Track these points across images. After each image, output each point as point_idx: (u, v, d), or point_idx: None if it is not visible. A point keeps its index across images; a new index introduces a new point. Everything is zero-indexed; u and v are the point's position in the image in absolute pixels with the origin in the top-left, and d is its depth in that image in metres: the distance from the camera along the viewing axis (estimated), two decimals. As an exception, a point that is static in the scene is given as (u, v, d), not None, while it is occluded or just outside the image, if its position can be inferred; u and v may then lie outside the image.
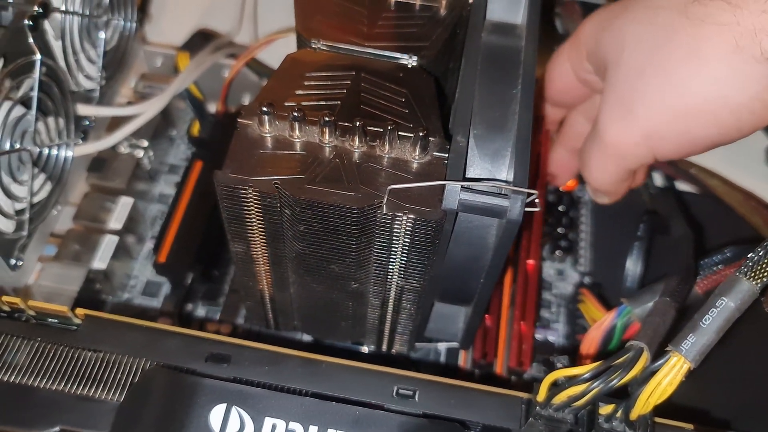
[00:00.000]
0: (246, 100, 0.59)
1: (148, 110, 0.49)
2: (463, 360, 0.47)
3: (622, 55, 0.39)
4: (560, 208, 0.55)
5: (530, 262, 0.48)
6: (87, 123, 0.49)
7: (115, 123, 0.51)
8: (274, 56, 0.57)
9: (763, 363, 0.40)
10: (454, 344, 0.46)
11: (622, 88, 0.39)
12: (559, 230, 0.54)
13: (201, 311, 0.50)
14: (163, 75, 0.58)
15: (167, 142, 0.57)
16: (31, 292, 0.45)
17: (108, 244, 0.48)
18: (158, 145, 0.55)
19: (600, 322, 0.44)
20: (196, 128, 0.55)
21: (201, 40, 0.57)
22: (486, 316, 0.46)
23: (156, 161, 0.55)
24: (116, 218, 0.49)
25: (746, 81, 0.36)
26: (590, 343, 0.44)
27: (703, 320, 0.29)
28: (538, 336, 0.49)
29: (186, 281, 0.49)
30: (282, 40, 0.57)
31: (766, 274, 0.29)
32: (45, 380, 0.33)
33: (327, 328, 0.43)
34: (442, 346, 0.47)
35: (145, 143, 0.53)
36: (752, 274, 0.29)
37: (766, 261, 0.29)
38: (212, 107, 0.58)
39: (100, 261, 0.48)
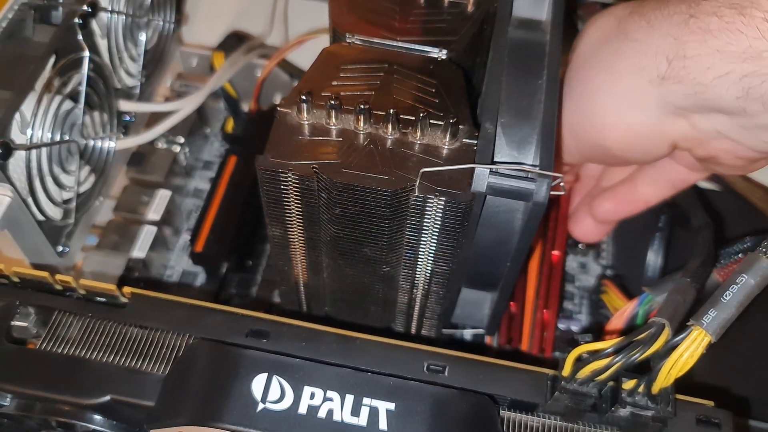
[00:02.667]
0: (277, 99, 0.61)
1: (186, 106, 0.51)
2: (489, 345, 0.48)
3: (574, 53, 0.42)
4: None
5: (555, 252, 0.49)
6: (128, 118, 0.51)
7: (153, 121, 0.53)
8: (303, 57, 0.60)
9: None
10: (480, 330, 0.47)
11: (566, 82, 0.41)
12: (582, 224, 0.55)
13: (235, 300, 0.51)
14: (198, 75, 0.60)
15: (202, 140, 0.59)
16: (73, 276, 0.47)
17: (147, 234, 0.50)
18: (193, 142, 0.57)
19: (622, 310, 0.46)
20: (230, 125, 0.58)
21: (235, 41, 0.60)
22: (511, 303, 0.47)
23: (191, 157, 0.57)
24: (154, 210, 0.52)
25: (641, 103, 0.37)
26: (613, 330, 0.45)
27: (724, 296, 0.30)
28: (561, 326, 0.50)
29: (221, 271, 0.51)
30: (310, 42, 0.59)
31: None
32: (95, 353, 0.34)
33: (357, 312, 0.45)
34: (468, 332, 0.48)
35: (182, 139, 0.55)
36: None
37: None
38: (245, 106, 0.60)
39: (139, 250, 0.50)
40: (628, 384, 0.33)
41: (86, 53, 0.43)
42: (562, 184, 0.34)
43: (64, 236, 0.45)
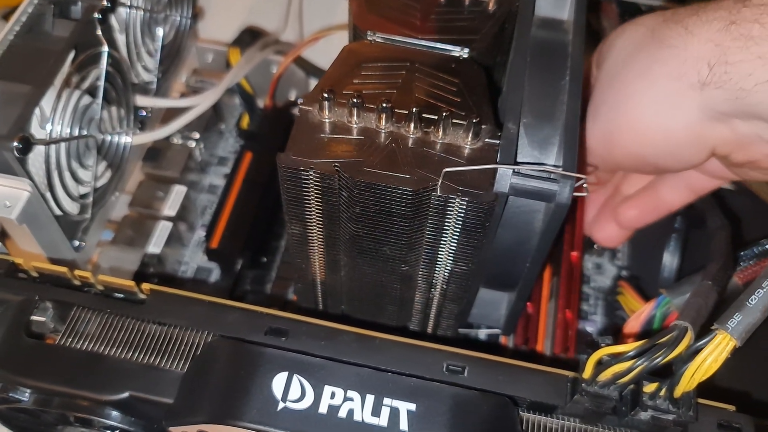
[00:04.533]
0: (292, 96, 0.61)
1: (203, 102, 0.51)
2: (504, 345, 0.48)
3: (605, 63, 0.42)
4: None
5: (574, 253, 0.49)
6: (144, 114, 0.51)
7: (168, 116, 0.53)
8: (317, 54, 0.60)
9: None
10: (496, 330, 0.47)
11: (597, 91, 0.41)
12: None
13: (249, 297, 0.51)
14: (214, 70, 0.60)
15: (217, 135, 0.59)
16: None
17: (162, 230, 0.50)
18: (208, 138, 0.57)
19: (639, 312, 0.45)
20: (245, 121, 0.58)
21: (249, 37, 0.59)
22: (528, 304, 0.47)
23: (206, 153, 0.57)
24: (170, 206, 0.52)
25: (681, 108, 0.37)
26: (630, 333, 0.45)
27: (750, 300, 0.30)
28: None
29: (236, 267, 0.51)
30: (324, 39, 0.59)
31: None
32: (114, 349, 0.34)
33: (374, 311, 0.45)
34: (483, 332, 0.48)
35: (197, 135, 0.55)
36: None
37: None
38: (260, 102, 0.60)
39: (154, 246, 0.50)
40: (649, 387, 0.33)
41: (105, 48, 0.43)
42: (585, 185, 0.34)
43: (81, 231, 0.45)
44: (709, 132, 0.37)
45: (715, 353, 0.30)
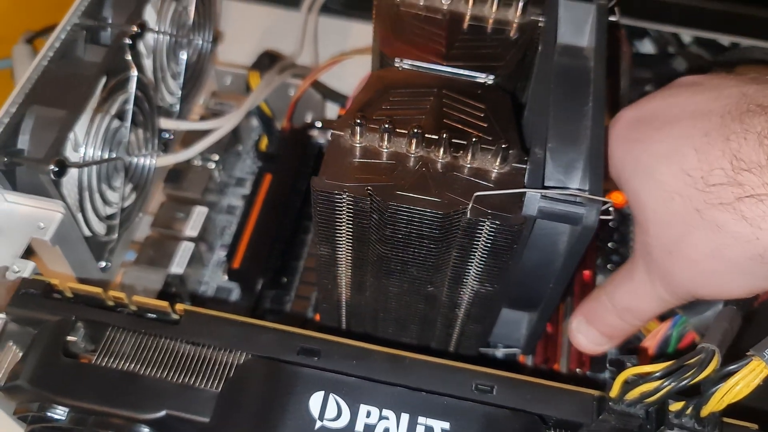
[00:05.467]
0: (308, 118, 0.62)
1: (225, 125, 0.52)
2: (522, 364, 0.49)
3: (649, 232, 0.38)
4: (611, 224, 0.57)
5: (586, 272, 0.50)
6: (167, 136, 0.52)
7: (187, 138, 0.54)
8: (332, 77, 0.61)
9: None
10: (515, 350, 0.48)
11: (657, 264, 0.39)
12: (610, 245, 0.56)
13: (269, 317, 0.52)
14: (232, 93, 0.61)
15: (235, 157, 0.60)
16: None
17: (185, 250, 0.51)
18: (227, 159, 0.58)
19: (656, 331, 0.46)
20: (264, 143, 0.58)
21: (268, 61, 0.61)
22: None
23: (225, 174, 0.58)
24: (192, 226, 0.52)
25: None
26: (647, 351, 0.46)
27: None
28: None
29: (256, 287, 0.52)
30: (341, 65, 0.60)
31: None
32: (149, 368, 0.35)
33: (397, 331, 0.45)
34: (501, 351, 0.49)
35: (217, 157, 0.56)
36: None
37: None
38: (277, 124, 0.61)
39: (177, 266, 0.51)
40: (675, 406, 0.34)
41: (135, 73, 0.44)
42: (611, 209, 0.35)
43: (107, 251, 0.46)
44: None
45: (747, 378, 0.31)
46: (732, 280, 0.36)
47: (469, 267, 0.37)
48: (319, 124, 0.58)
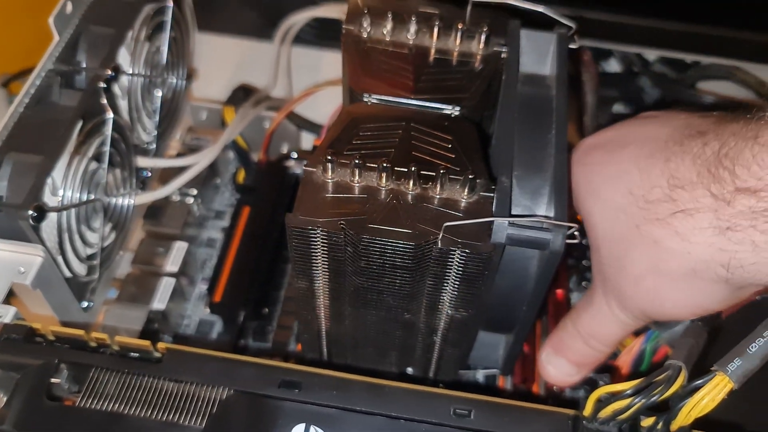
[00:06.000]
0: (284, 149, 0.63)
1: (202, 160, 0.53)
2: (500, 386, 0.50)
3: (600, 251, 0.40)
4: (584, 242, 0.58)
5: (559, 291, 0.51)
6: (145, 174, 0.53)
7: (165, 174, 0.55)
8: (307, 108, 0.62)
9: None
10: (495, 371, 0.49)
11: (610, 283, 0.40)
12: (584, 263, 0.57)
13: (252, 348, 0.53)
14: (208, 128, 0.62)
15: (213, 190, 0.61)
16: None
17: (166, 286, 0.52)
18: (205, 193, 0.59)
19: (630, 346, 0.47)
20: (241, 176, 0.59)
21: (242, 95, 0.62)
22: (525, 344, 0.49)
23: (203, 208, 0.58)
24: (172, 261, 0.53)
25: (713, 295, 0.37)
26: (622, 366, 0.47)
27: (750, 347, 0.32)
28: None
29: (238, 319, 0.53)
30: (315, 95, 0.61)
31: None
32: (133, 408, 0.36)
33: (377, 358, 0.46)
34: (481, 373, 0.50)
35: (195, 191, 0.56)
36: None
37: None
38: (254, 156, 0.62)
39: (159, 302, 0.51)
40: (647, 422, 0.35)
41: (110, 115, 0.45)
42: (576, 233, 0.36)
43: (89, 291, 0.46)
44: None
45: (712, 393, 0.32)
46: (674, 297, 0.37)
47: (444, 294, 0.38)
48: (294, 155, 0.60)
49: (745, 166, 0.32)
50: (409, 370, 0.48)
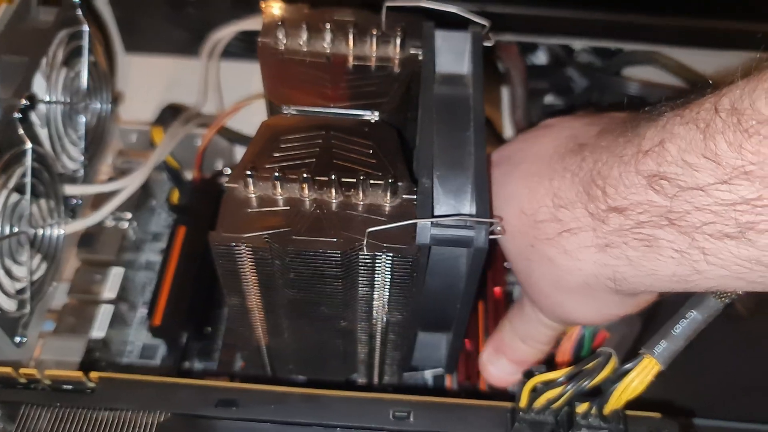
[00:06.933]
0: (219, 165, 0.62)
1: (131, 184, 0.52)
2: (449, 384, 0.50)
3: (512, 266, 0.41)
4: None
5: (496, 289, 0.52)
6: (75, 202, 0.52)
7: (98, 199, 0.54)
8: (239, 121, 0.62)
9: (720, 355, 0.44)
10: (440, 370, 0.49)
11: (528, 294, 0.41)
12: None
13: (198, 368, 0.52)
14: (139, 150, 0.61)
15: (148, 213, 0.60)
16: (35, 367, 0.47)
17: (104, 313, 0.51)
18: (140, 216, 0.58)
19: (570, 333, 0.48)
20: (175, 196, 0.59)
21: (171, 114, 0.61)
22: (466, 341, 0.49)
23: (140, 231, 0.58)
24: (110, 288, 0.52)
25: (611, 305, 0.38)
26: (563, 353, 0.48)
27: (674, 329, 0.34)
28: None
29: (181, 341, 0.52)
30: (246, 107, 0.61)
31: (729, 293, 0.34)
32: (68, 442, 0.35)
33: (320, 368, 0.46)
34: (428, 373, 0.50)
35: (129, 215, 0.56)
36: (718, 293, 0.34)
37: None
38: (188, 174, 0.61)
39: (98, 330, 0.50)
40: (582, 407, 0.36)
41: (29, 145, 0.44)
42: (498, 228, 0.36)
43: (21, 326, 0.45)
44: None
45: (641, 376, 0.33)
46: (581, 308, 0.38)
47: (376, 299, 0.39)
48: (228, 171, 0.59)
49: (613, 186, 0.33)
50: (355, 376, 0.48)
